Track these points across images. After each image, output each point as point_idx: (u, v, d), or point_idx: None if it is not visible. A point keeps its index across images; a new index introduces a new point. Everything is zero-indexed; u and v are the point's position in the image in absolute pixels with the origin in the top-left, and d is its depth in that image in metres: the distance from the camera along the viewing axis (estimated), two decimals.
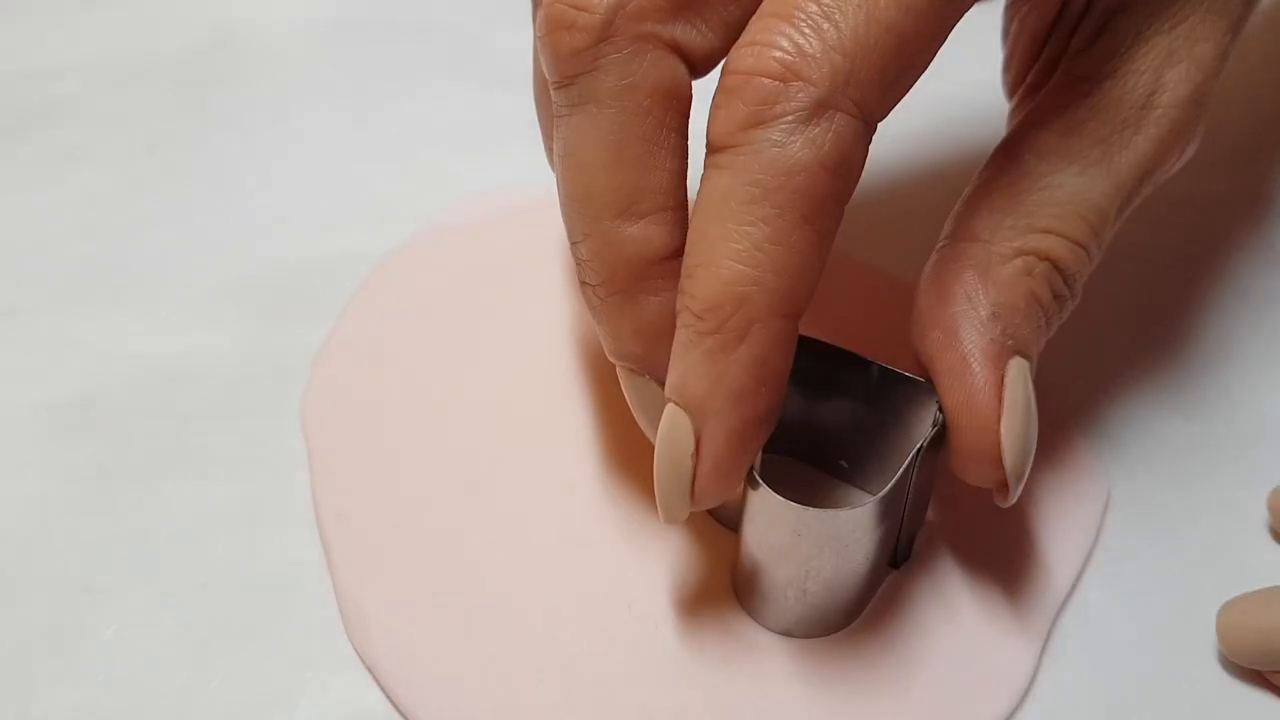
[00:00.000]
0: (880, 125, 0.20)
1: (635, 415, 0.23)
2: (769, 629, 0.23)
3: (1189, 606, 0.24)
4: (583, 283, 0.22)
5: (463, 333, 0.29)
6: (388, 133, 0.36)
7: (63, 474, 0.26)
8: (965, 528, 0.25)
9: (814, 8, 0.20)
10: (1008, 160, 0.23)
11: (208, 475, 0.26)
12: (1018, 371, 0.21)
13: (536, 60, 0.24)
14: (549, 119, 0.22)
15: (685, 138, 0.21)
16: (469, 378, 0.28)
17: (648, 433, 0.23)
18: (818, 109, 0.19)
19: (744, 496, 0.21)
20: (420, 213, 0.32)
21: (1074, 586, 0.24)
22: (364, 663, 0.23)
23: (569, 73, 0.21)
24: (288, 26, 0.40)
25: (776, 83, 0.19)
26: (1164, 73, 0.23)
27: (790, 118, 0.19)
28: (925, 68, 0.20)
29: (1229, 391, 0.28)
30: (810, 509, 0.21)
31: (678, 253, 0.21)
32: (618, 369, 0.23)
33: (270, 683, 0.23)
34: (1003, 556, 0.25)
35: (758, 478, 0.21)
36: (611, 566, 0.24)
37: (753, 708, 0.22)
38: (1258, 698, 0.23)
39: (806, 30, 0.19)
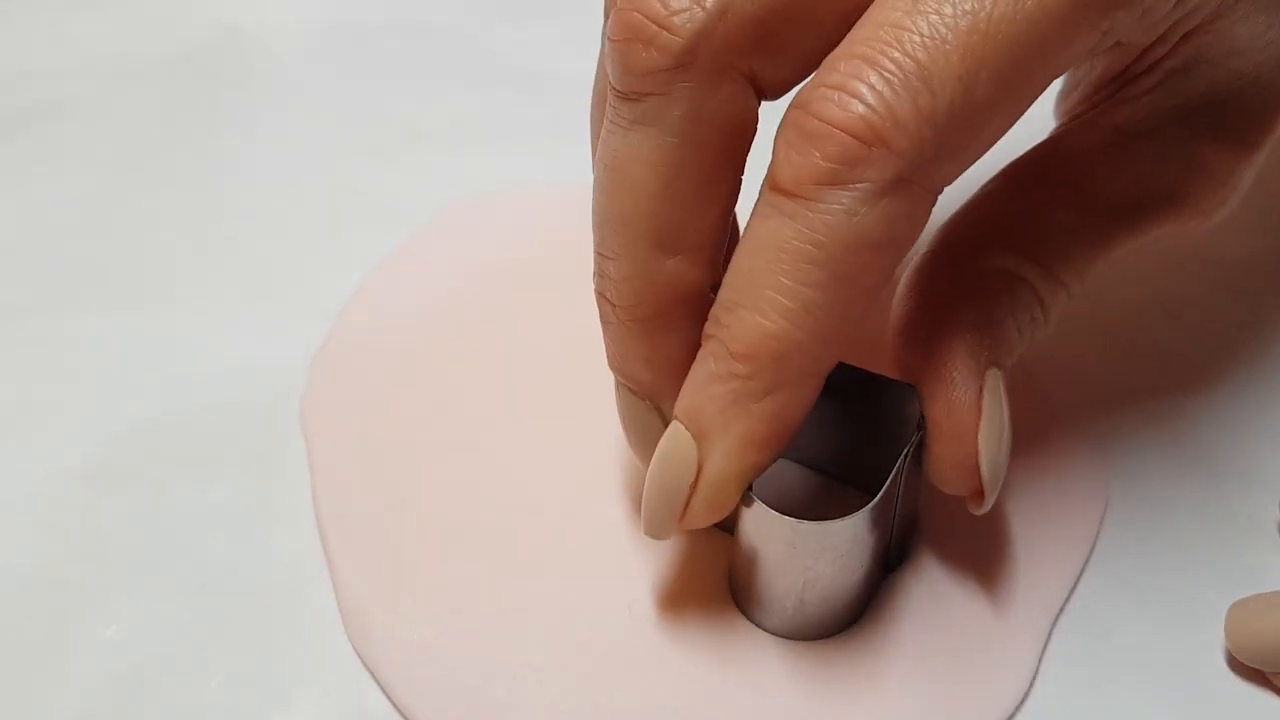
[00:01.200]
0: None
1: (624, 429, 0.23)
2: (768, 631, 0.23)
3: (1189, 607, 0.24)
4: (600, 294, 0.22)
5: (463, 332, 0.29)
6: (388, 133, 0.36)
7: (62, 474, 0.26)
8: (965, 528, 0.25)
9: (910, 64, 0.18)
10: (1013, 183, 0.23)
11: (208, 475, 0.26)
12: (994, 383, 0.21)
13: (601, 60, 0.23)
14: (602, 118, 0.21)
15: (741, 173, 0.21)
16: (469, 377, 0.28)
17: (633, 447, 0.23)
18: (898, 183, 0.18)
19: (738, 509, 0.21)
20: (420, 213, 0.32)
21: (1074, 586, 0.24)
22: (364, 663, 0.23)
23: (639, 90, 0.20)
24: (288, 26, 0.40)
25: (860, 144, 0.18)
26: (1204, 146, 0.23)
27: (868, 185, 0.18)
28: (998, 139, 0.20)
29: (1230, 391, 0.28)
30: (804, 522, 0.21)
31: (706, 290, 0.21)
32: (615, 381, 0.23)
33: (270, 683, 0.23)
34: (1003, 556, 0.25)
35: (752, 495, 0.21)
36: (612, 567, 0.24)
37: (753, 708, 0.22)
38: (1259, 698, 0.23)
39: (900, 90, 0.18)
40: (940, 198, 0.19)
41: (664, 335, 0.21)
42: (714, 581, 0.24)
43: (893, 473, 0.21)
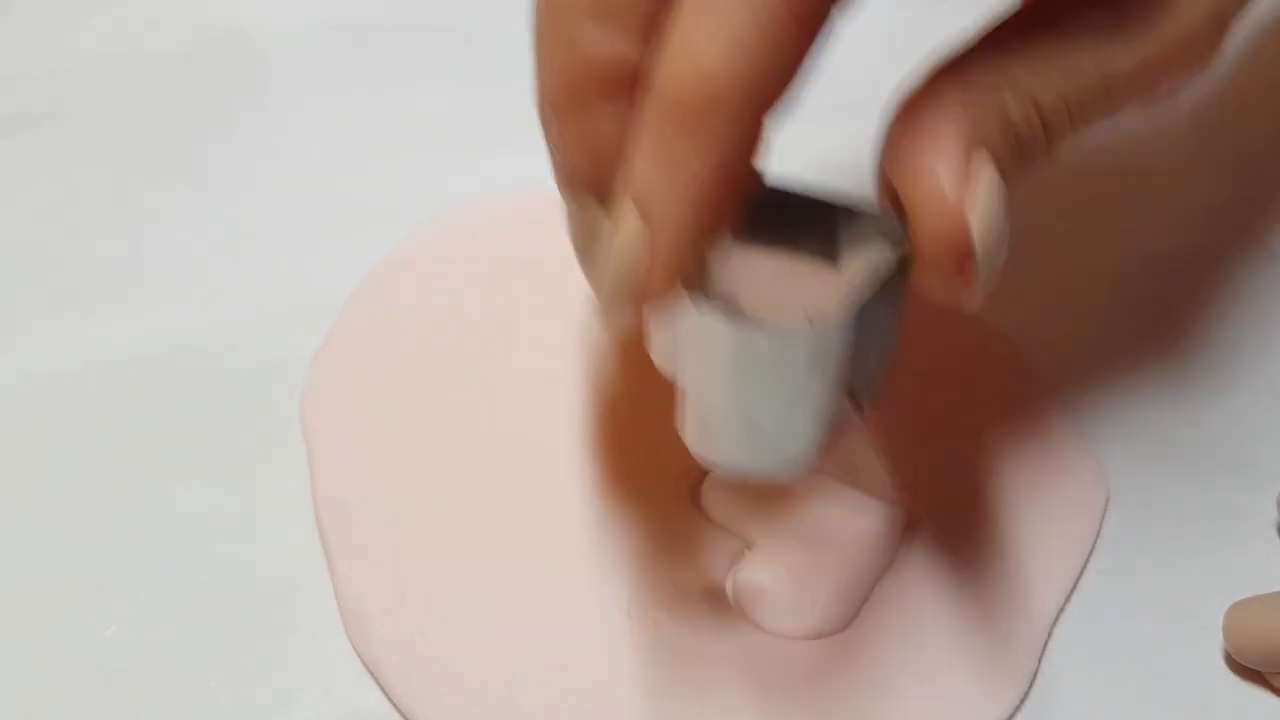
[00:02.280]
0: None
1: (577, 255, 0.22)
2: (720, 466, 0.21)
3: (1189, 607, 0.24)
4: (540, 101, 0.21)
5: (463, 332, 0.29)
6: (387, 133, 0.36)
7: (62, 474, 0.26)
8: (965, 528, 0.25)
9: None
10: (1004, 26, 0.22)
11: (208, 475, 0.26)
12: (986, 163, 0.20)
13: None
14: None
15: None
16: (469, 377, 0.28)
17: (587, 273, 0.22)
18: None
19: (688, 322, 0.20)
20: (420, 213, 0.32)
21: (1074, 586, 0.24)
22: (364, 663, 0.23)
23: None
24: (288, 26, 0.40)
25: None
26: None
27: None
28: None
29: (1230, 391, 0.28)
30: (756, 324, 0.19)
31: (642, 70, 0.20)
32: (566, 209, 0.22)
33: (270, 682, 0.23)
34: (1003, 556, 0.25)
35: (701, 291, 0.20)
36: (611, 567, 0.24)
37: (752, 708, 0.22)
38: (1259, 699, 0.23)
39: None
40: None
41: (601, 111, 0.20)
42: (714, 582, 0.24)
43: (857, 284, 0.20)
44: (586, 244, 0.21)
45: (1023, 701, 0.23)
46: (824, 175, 0.22)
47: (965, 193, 0.19)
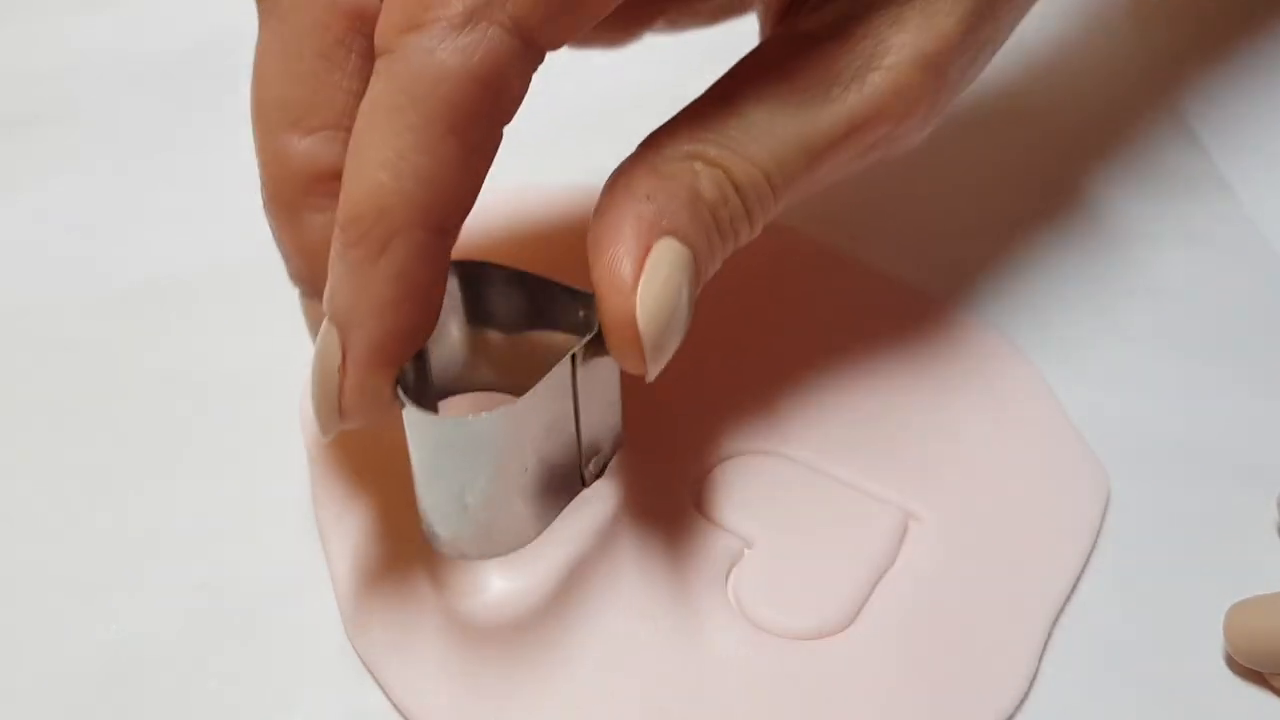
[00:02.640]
0: None
1: (309, 330, 0.23)
2: (445, 553, 0.22)
3: (1189, 607, 0.24)
4: (263, 201, 0.22)
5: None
6: None
7: (62, 473, 0.26)
8: (964, 528, 0.25)
9: None
10: (710, 95, 0.23)
11: (208, 475, 0.26)
12: (666, 247, 0.21)
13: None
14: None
15: (369, 60, 0.21)
16: None
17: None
18: (469, 16, 0.19)
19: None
20: None
21: (1074, 586, 0.24)
22: (363, 662, 0.23)
23: None
24: None
25: None
26: (890, 36, 0.23)
27: (442, 24, 0.19)
28: (610, 7, 0.20)
29: (1230, 391, 0.28)
30: (448, 418, 0.21)
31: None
32: (298, 295, 0.23)
33: (270, 683, 0.23)
34: (1003, 557, 0.25)
35: (400, 392, 0.20)
36: (610, 567, 0.24)
37: (752, 709, 0.22)
38: (1260, 699, 0.23)
39: None
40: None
41: (309, 218, 0.21)
42: (712, 582, 0.24)
43: (555, 367, 0.21)
44: (311, 331, 0.23)
45: (1023, 701, 0.23)
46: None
47: (638, 281, 0.20)
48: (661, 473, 0.26)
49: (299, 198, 0.21)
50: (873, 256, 0.30)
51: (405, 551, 0.24)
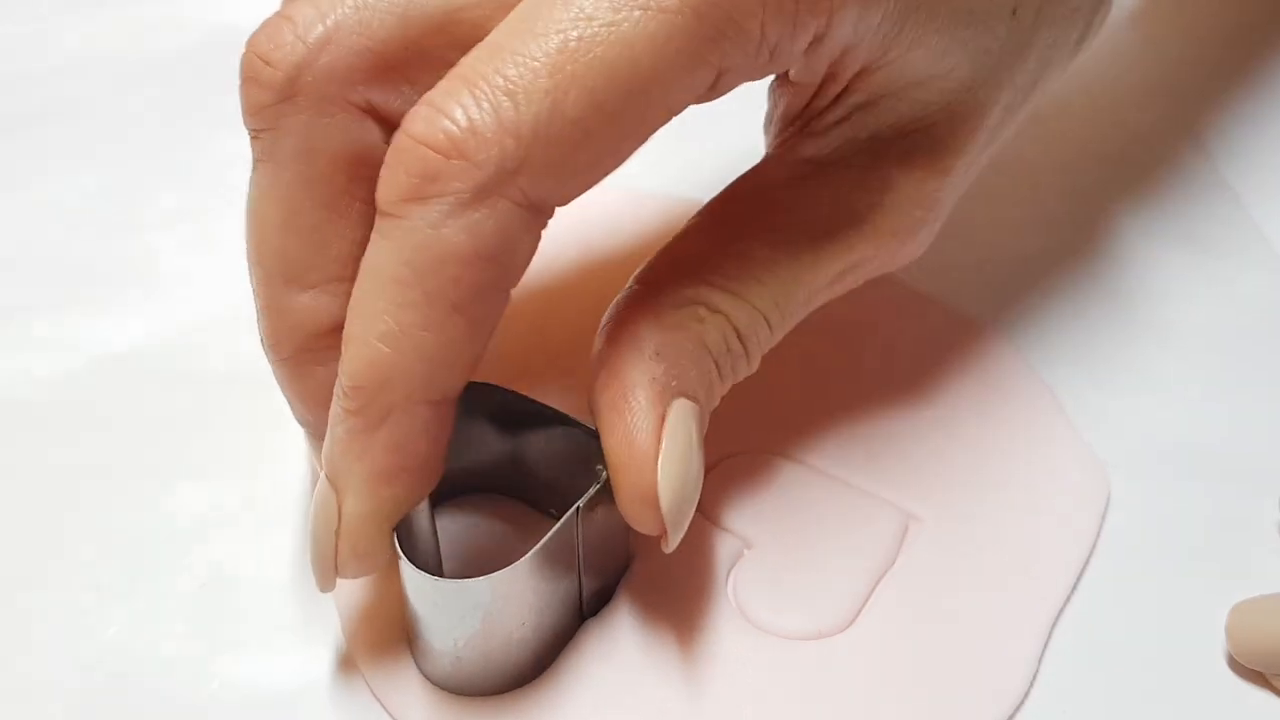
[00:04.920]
0: None
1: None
2: (437, 685, 0.22)
3: (1189, 607, 0.24)
4: (264, 350, 0.22)
5: None
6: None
7: (62, 474, 0.26)
8: (964, 528, 0.25)
9: (500, 80, 0.18)
10: (712, 218, 0.23)
11: (208, 475, 0.26)
12: (680, 413, 0.20)
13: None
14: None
15: (372, 205, 0.20)
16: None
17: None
18: (480, 194, 0.18)
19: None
20: None
21: (1074, 587, 0.24)
22: (360, 665, 0.23)
23: (256, 126, 0.21)
24: None
25: (440, 157, 0.18)
26: (897, 176, 0.23)
27: (449, 199, 0.18)
28: (616, 165, 0.20)
29: (1231, 391, 0.28)
30: (442, 580, 0.21)
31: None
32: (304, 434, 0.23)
33: (269, 683, 0.23)
34: (1003, 557, 0.25)
35: (398, 547, 0.20)
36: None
37: (752, 709, 0.22)
38: (1260, 700, 0.23)
39: (485, 104, 0.18)
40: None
41: (311, 371, 0.21)
42: (710, 583, 0.24)
43: (557, 525, 0.21)
44: (314, 474, 0.22)
45: (1023, 702, 0.23)
46: None
47: (657, 453, 0.20)
48: None
49: (301, 352, 0.21)
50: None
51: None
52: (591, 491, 0.21)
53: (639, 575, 0.24)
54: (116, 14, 0.40)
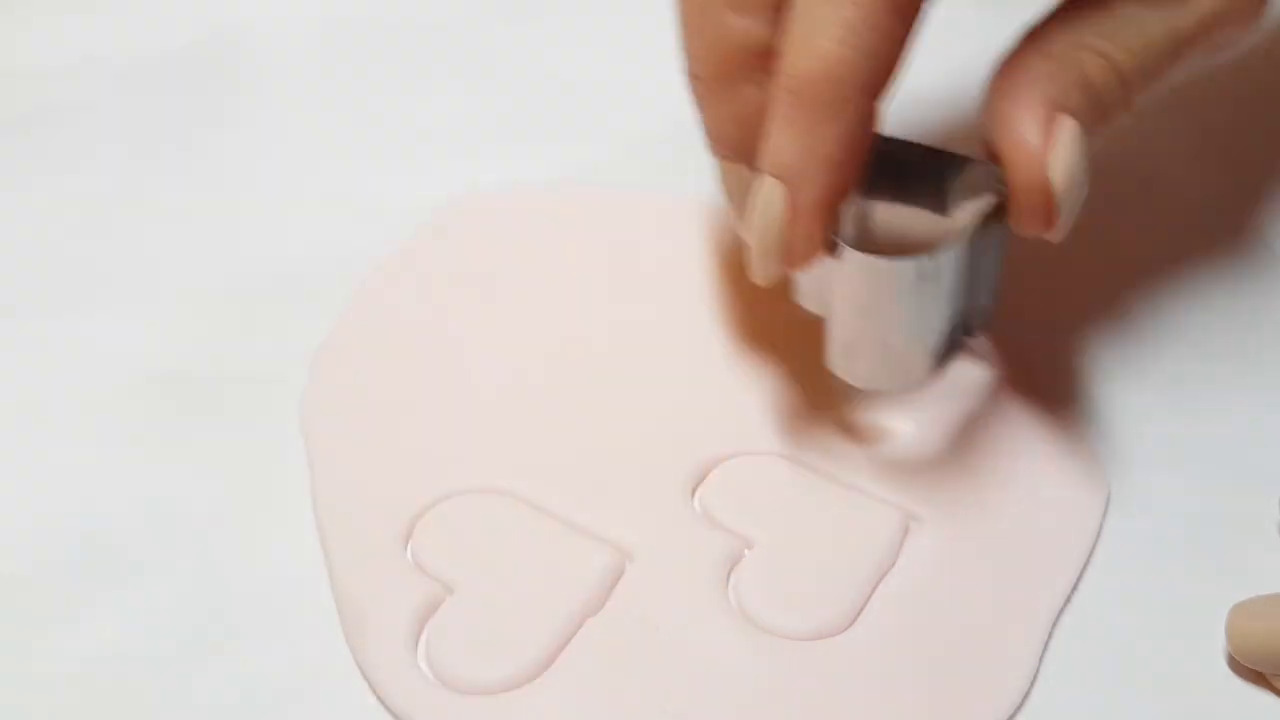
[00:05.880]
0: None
1: (727, 201, 0.26)
2: (851, 382, 0.25)
3: (1189, 607, 0.24)
4: (688, 76, 0.25)
5: (463, 332, 0.29)
6: (388, 132, 0.36)
7: (61, 475, 0.26)
8: (964, 528, 0.25)
9: None
10: None
11: (207, 476, 0.26)
12: (1068, 125, 0.23)
13: None
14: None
15: None
16: (469, 377, 0.28)
17: (735, 218, 0.25)
18: None
19: (828, 265, 0.23)
20: (420, 213, 0.32)
21: (1074, 586, 0.24)
22: (359, 665, 0.23)
23: None
24: (287, 27, 0.40)
25: None
26: None
27: None
28: None
29: (1231, 391, 0.28)
30: (891, 259, 0.23)
31: (775, 49, 0.23)
32: (717, 165, 0.26)
33: (268, 686, 0.23)
34: (1003, 557, 0.25)
35: (838, 238, 0.23)
36: (610, 570, 0.24)
37: (753, 710, 0.22)
38: (1260, 700, 0.23)
39: None
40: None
41: (744, 88, 0.24)
42: (710, 584, 0.24)
43: (966, 224, 0.23)
44: (737, 198, 0.25)
45: (1023, 703, 0.23)
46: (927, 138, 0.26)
47: (1047, 148, 0.22)
48: (661, 472, 0.26)
49: (736, 70, 0.24)
50: None
51: (405, 552, 0.24)
52: (995, 202, 0.23)
53: (639, 575, 0.24)
54: (116, 14, 0.40)
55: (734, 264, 0.30)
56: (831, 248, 0.23)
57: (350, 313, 0.30)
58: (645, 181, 0.34)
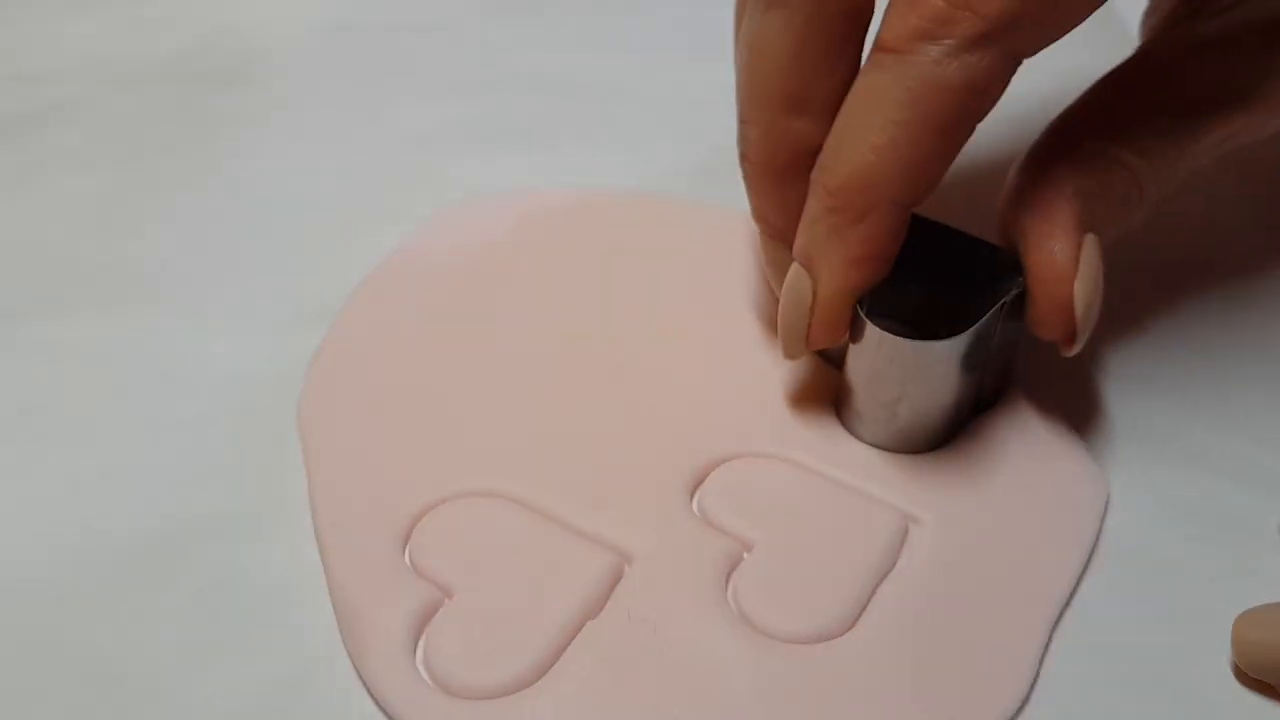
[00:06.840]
0: None
1: (765, 271, 0.28)
2: (864, 442, 0.26)
3: (1190, 608, 0.24)
4: (742, 156, 0.26)
5: (462, 334, 0.29)
6: (388, 133, 0.36)
7: (60, 476, 0.26)
8: (964, 529, 0.25)
9: None
10: (1114, 84, 0.26)
11: (204, 478, 0.26)
12: (1092, 244, 0.24)
13: None
14: (744, 11, 0.25)
15: (861, 48, 0.24)
16: (468, 380, 0.28)
17: (774, 286, 0.27)
18: (979, 41, 0.22)
19: (848, 336, 0.25)
20: (420, 213, 0.32)
21: (1074, 587, 0.24)
22: (357, 669, 0.23)
23: None
24: (287, 27, 0.40)
25: (949, 7, 0.22)
26: (1275, 55, 0.26)
27: (953, 41, 0.22)
28: (1083, 19, 0.23)
29: (1232, 392, 0.28)
30: (903, 338, 0.24)
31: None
32: (758, 230, 0.27)
33: (266, 689, 0.23)
34: (1003, 557, 0.25)
35: (861, 313, 0.24)
36: (609, 573, 0.24)
37: (752, 710, 0.22)
38: (1259, 701, 0.23)
39: None
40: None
41: (793, 184, 0.25)
42: (710, 586, 0.24)
43: (989, 313, 0.24)
44: (773, 271, 0.27)
45: (1023, 705, 0.23)
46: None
47: (1074, 272, 0.24)
48: (661, 473, 0.26)
49: (790, 167, 0.25)
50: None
51: (403, 556, 0.24)
52: (1016, 289, 0.24)
53: (639, 578, 0.24)
54: (116, 14, 0.40)
55: (734, 266, 0.30)
56: (852, 326, 0.25)
57: (349, 314, 0.30)
58: (645, 182, 0.34)
